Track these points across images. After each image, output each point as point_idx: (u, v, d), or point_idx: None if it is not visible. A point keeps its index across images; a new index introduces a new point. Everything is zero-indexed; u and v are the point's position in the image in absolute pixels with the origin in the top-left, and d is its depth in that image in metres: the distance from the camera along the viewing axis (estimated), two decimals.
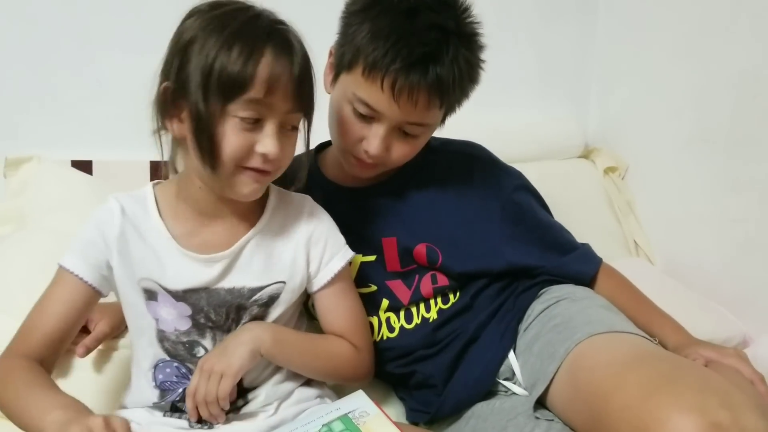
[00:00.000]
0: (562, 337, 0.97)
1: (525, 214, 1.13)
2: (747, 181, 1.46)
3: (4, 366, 0.87)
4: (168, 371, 0.93)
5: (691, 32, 1.59)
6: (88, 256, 0.91)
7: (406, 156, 1.05)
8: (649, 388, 0.79)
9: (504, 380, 1.07)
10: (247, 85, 0.81)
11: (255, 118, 0.84)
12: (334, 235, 1.00)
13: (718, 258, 1.54)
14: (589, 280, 1.14)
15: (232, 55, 0.81)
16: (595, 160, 1.86)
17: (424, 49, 0.95)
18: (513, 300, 1.10)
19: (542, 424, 0.95)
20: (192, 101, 0.83)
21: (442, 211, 1.10)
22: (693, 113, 1.59)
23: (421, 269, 1.10)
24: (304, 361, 0.97)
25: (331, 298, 1.00)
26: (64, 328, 0.90)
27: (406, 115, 0.98)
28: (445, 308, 1.10)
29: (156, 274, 0.91)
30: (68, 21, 1.46)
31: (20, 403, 0.82)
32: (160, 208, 0.93)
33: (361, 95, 0.98)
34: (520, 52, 1.84)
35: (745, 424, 0.73)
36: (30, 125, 1.48)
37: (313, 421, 0.86)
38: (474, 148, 1.19)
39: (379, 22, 0.96)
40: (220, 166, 0.85)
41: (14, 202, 1.38)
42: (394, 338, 1.10)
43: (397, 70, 0.94)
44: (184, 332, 0.92)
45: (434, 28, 0.96)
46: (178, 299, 0.91)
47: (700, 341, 1.04)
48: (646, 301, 1.13)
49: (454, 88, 0.99)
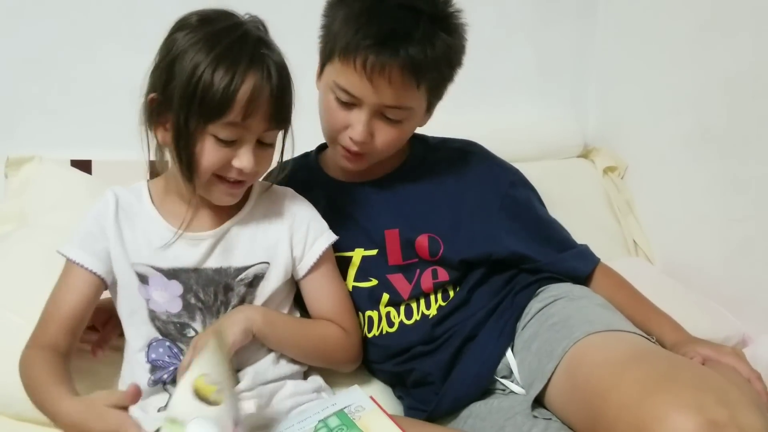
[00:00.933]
0: (560, 336, 0.98)
1: (522, 209, 1.15)
2: (746, 180, 1.46)
3: (28, 356, 0.94)
4: (161, 351, 0.98)
5: (690, 32, 1.59)
6: (90, 247, 0.97)
7: (391, 142, 1.06)
8: (647, 387, 0.79)
9: (502, 378, 1.07)
10: (227, 109, 0.87)
11: (232, 139, 0.90)
12: (315, 220, 1.05)
13: (717, 257, 1.54)
14: (585, 278, 1.15)
15: (215, 79, 0.86)
16: (595, 160, 1.86)
17: (394, 26, 0.98)
18: (511, 298, 1.10)
19: (540, 423, 0.95)
20: (174, 116, 0.89)
21: (442, 204, 1.12)
22: (692, 113, 1.59)
23: (422, 263, 1.11)
24: (296, 342, 1.01)
25: (318, 280, 1.04)
26: (78, 315, 0.96)
27: (382, 97, 1.00)
28: (444, 305, 1.11)
29: (147, 256, 0.97)
30: (66, 20, 1.47)
31: (40, 389, 0.89)
32: (152, 198, 1.01)
33: (339, 82, 1.01)
34: (519, 51, 1.84)
35: (743, 422, 0.74)
36: (29, 125, 1.49)
37: (309, 417, 0.87)
38: (472, 146, 1.21)
39: (353, 8, 1.00)
40: (197, 177, 0.92)
41: (15, 201, 1.40)
42: (393, 333, 1.11)
43: (367, 48, 0.97)
44: (175, 314, 0.97)
45: (404, 8, 0.99)
46: (170, 277, 0.97)
47: (697, 339, 1.04)
48: (644, 299, 1.13)
49: (429, 68, 1.00)
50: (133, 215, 0.99)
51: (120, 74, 1.44)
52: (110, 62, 1.49)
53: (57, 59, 1.47)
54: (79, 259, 0.96)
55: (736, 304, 1.47)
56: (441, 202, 1.12)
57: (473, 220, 1.11)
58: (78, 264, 0.96)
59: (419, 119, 1.10)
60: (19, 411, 1.06)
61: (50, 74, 1.48)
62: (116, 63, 1.47)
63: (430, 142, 1.20)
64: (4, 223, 1.36)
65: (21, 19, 1.44)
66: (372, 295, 1.11)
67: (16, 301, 1.12)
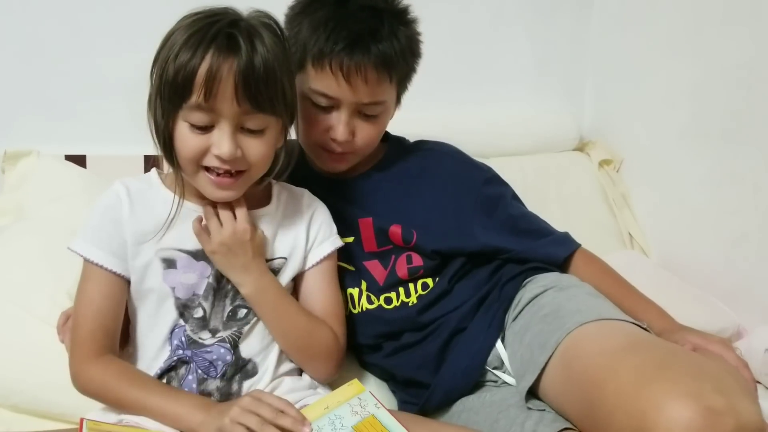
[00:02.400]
0: (553, 327, 0.98)
1: (497, 205, 1.16)
2: (742, 173, 1.46)
3: (89, 371, 0.92)
4: (181, 337, 0.96)
5: (686, 25, 1.59)
6: (107, 246, 0.93)
7: (371, 138, 1.10)
8: (644, 375, 0.80)
9: (493, 369, 1.07)
10: (188, 91, 0.85)
11: (204, 124, 0.87)
12: (328, 222, 1.06)
13: (712, 250, 1.55)
14: (564, 264, 1.15)
15: (177, 62, 0.85)
16: (590, 153, 1.86)
17: (361, 27, 1.02)
18: (498, 290, 1.11)
19: (534, 414, 0.95)
20: (153, 105, 0.89)
21: (416, 201, 1.14)
22: (688, 106, 1.59)
23: (397, 250, 1.13)
24: (282, 324, 0.99)
25: (317, 277, 1.04)
26: (112, 316, 0.94)
27: (360, 95, 1.04)
28: (424, 294, 1.12)
29: (172, 240, 0.95)
30: (60, 16, 1.47)
31: (136, 395, 0.90)
32: (166, 185, 0.98)
33: (315, 87, 1.04)
34: (514, 45, 1.84)
35: (740, 410, 0.74)
36: (23, 121, 1.49)
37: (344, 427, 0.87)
38: (446, 146, 1.24)
39: (316, 16, 1.04)
40: (180, 166, 0.91)
41: (13, 195, 1.41)
42: (373, 310, 1.12)
43: (340, 52, 1.01)
44: (201, 295, 0.96)
45: (366, 8, 1.05)
46: (198, 258, 0.96)
47: (685, 327, 1.04)
48: (629, 286, 1.14)
49: (398, 61, 1.06)
50: (147, 202, 0.96)
51: (113, 70, 1.47)
52: (103, 58, 1.49)
53: (50, 55, 1.47)
54: (98, 260, 0.93)
55: (731, 296, 1.47)
56: (415, 199, 1.14)
57: (447, 217, 1.13)
58: (98, 265, 0.93)
59: (392, 112, 1.14)
60: (17, 402, 1.08)
61: (43, 70, 1.48)
62: (109, 59, 1.49)
63: (405, 143, 1.24)
64: (2, 216, 1.37)
65: (17, 14, 1.45)
66: (352, 280, 1.13)
67: (15, 292, 1.14)
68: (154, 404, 0.89)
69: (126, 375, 0.92)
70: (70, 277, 1.09)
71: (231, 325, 0.97)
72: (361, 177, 1.16)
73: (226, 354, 0.96)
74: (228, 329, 0.97)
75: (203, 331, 0.96)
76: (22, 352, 1.09)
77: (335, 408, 0.89)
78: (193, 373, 0.95)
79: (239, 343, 0.97)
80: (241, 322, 0.98)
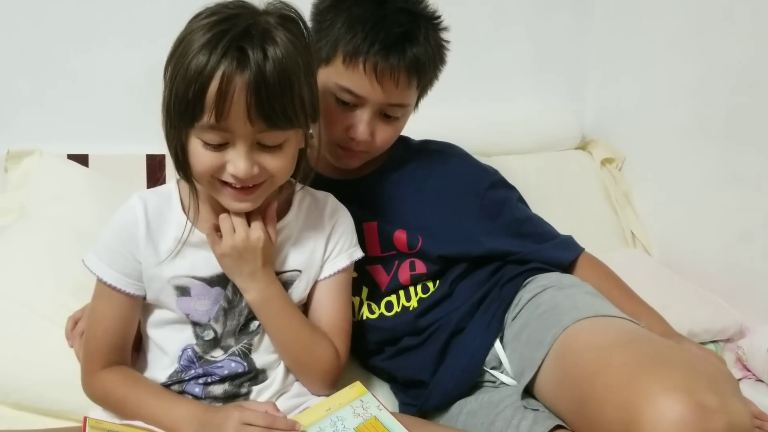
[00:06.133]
0: (549, 324, 0.98)
1: (502, 209, 1.16)
2: (744, 171, 1.46)
3: (100, 381, 0.93)
4: (191, 355, 0.95)
5: (689, 23, 1.59)
6: (122, 268, 0.91)
7: (389, 140, 1.10)
8: (636, 368, 0.79)
9: (491, 369, 1.07)
10: (199, 111, 0.80)
11: (218, 143, 0.82)
12: (350, 232, 1.03)
13: (714, 248, 1.55)
14: (567, 267, 1.15)
15: (187, 77, 0.79)
16: (592, 152, 1.86)
17: (401, 30, 1.01)
18: (498, 290, 1.11)
19: (529, 414, 0.95)
20: (165, 116, 0.84)
21: (422, 204, 1.13)
22: (690, 104, 1.59)
23: (401, 255, 1.12)
24: (282, 334, 0.96)
25: (328, 289, 1.01)
26: (122, 334, 0.94)
27: (388, 97, 1.03)
28: (425, 297, 1.12)
29: (187, 267, 0.92)
30: (62, 15, 1.46)
31: (141, 404, 0.90)
32: (183, 204, 0.93)
33: (343, 83, 1.02)
34: (516, 43, 1.84)
35: (733, 410, 0.74)
36: (26, 120, 1.49)
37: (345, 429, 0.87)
38: (452, 147, 1.23)
39: (353, 12, 1.02)
40: (196, 179, 0.87)
41: (16, 193, 1.41)
42: (374, 320, 1.12)
43: (377, 53, 1.00)
44: (213, 317, 0.94)
45: (404, 11, 1.04)
46: (213, 285, 0.93)
47: (683, 336, 1.04)
48: (631, 291, 1.13)
49: (429, 67, 1.06)
50: (163, 223, 0.92)
51: (115, 69, 1.47)
52: (104, 57, 1.49)
53: (51, 54, 1.47)
54: (111, 281, 0.91)
55: (733, 295, 1.47)
56: (420, 201, 1.13)
57: (452, 220, 1.13)
58: (111, 286, 0.91)
59: (409, 115, 1.13)
60: (19, 400, 1.08)
61: (45, 69, 1.48)
62: (110, 58, 1.48)
63: (411, 143, 1.23)
64: (5, 214, 1.38)
65: (18, 13, 1.45)
66: (353, 287, 1.11)
67: (18, 290, 1.14)
68: (150, 412, 0.89)
69: (127, 382, 0.92)
70: (73, 276, 1.09)
71: (242, 338, 0.96)
72: (366, 178, 1.15)
73: (237, 367, 0.95)
74: (239, 342, 0.96)
75: (215, 350, 0.95)
76: (24, 350, 1.09)
77: (337, 410, 0.89)
78: (200, 384, 0.95)
79: (250, 353, 0.96)
80: (252, 334, 0.96)
